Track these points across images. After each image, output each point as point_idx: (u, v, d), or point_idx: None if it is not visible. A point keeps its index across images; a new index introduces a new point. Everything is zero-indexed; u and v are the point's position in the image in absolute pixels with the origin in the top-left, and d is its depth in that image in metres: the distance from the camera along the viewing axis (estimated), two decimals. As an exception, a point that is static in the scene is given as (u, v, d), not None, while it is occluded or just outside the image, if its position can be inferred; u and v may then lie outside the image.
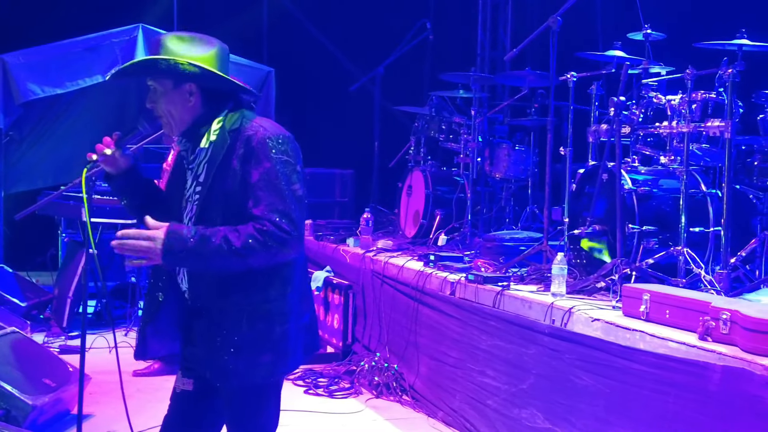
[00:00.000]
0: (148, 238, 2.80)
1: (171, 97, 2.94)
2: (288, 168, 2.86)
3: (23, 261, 8.95)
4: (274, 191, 2.81)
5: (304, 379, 6.36)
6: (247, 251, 2.78)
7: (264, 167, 2.83)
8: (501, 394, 4.95)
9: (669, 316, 4.11)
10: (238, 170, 2.86)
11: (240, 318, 2.93)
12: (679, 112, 5.16)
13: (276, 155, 2.85)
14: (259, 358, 2.94)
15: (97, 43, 8.24)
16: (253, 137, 2.87)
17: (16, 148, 8.73)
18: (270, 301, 2.95)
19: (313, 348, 3.20)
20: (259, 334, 2.94)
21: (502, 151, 7.45)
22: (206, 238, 2.78)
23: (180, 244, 2.78)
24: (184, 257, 2.81)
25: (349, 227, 8.08)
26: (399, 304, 6.30)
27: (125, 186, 3.14)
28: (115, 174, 3.11)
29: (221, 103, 2.97)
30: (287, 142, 2.91)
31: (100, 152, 3.03)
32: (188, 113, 2.96)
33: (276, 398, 3.10)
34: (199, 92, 2.94)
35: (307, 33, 10.73)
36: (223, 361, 2.94)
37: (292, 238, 2.80)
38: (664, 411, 3.71)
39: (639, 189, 5.20)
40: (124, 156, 3.07)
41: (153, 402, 5.53)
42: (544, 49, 5.96)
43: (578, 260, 5.51)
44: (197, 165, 2.97)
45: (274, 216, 2.79)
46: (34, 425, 4.90)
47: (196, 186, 2.96)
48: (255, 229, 2.78)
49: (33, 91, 8.16)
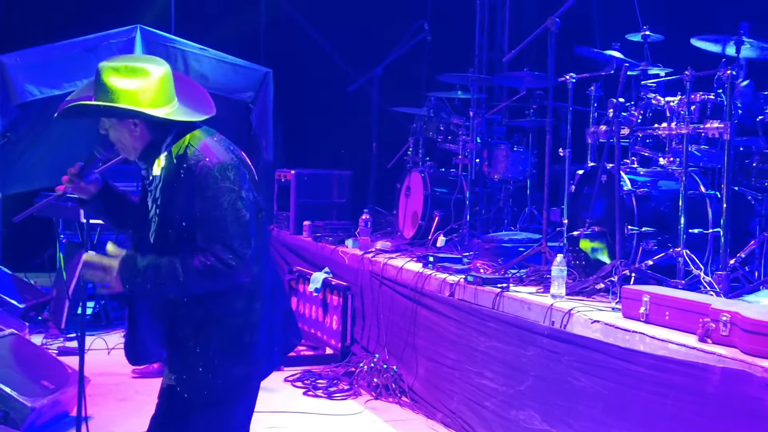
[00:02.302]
0: (104, 268, 2.93)
1: (118, 128, 3.01)
2: (231, 195, 2.89)
3: (21, 262, 8.93)
4: (215, 222, 2.87)
5: (303, 381, 6.37)
6: (190, 282, 2.87)
7: (206, 197, 2.88)
8: (498, 396, 4.94)
9: (669, 317, 4.11)
10: (185, 198, 2.91)
11: (208, 332, 2.97)
12: (677, 113, 5.16)
13: (218, 184, 2.88)
14: (231, 371, 2.99)
15: (96, 44, 8.22)
16: (194, 166, 2.91)
17: (12, 149, 8.69)
18: (237, 315, 2.99)
19: (290, 346, 3.28)
20: (228, 347, 2.98)
21: (500, 152, 7.45)
22: (157, 267, 2.88)
23: (132, 272, 2.90)
24: (136, 284, 2.91)
25: (348, 228, 8.07)
26: (397, 305, 6.30)
27: (99, 208, 3.26)
28: (87, 199, 3.24)
29: (167, 128, 3.00)
30: (229, 168, 2.92)
31: (66, 184, 3.18)
32: (137, 141, 3.02)
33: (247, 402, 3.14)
34: (143, 123, 2.98)
35: (304, 34, 10.71)
36: (194, 376, 2.99)
37: (233, 269, 2.86)
38: (663, 413, 3.71)
39: (638, 190, 5.20)
40: (89, 183, 3.20)
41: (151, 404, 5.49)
42: (541, 50, 5.97)
43: (577, 262, 5.51)
44: (154, 188, 3.03)
45: (215, 247, 2.85)
46: (33, 427, 4.89)
47: (156, 208, 3.02)
48: (200, 263, 2.85)
49: (30, 92, 8.14)
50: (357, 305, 6.91)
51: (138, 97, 2.92)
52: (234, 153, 3.00)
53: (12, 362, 5.23)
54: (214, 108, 3.12)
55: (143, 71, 2.96)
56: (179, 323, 3.01)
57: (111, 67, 2.95)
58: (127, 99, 2.91)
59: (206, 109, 3.10)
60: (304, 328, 7.40)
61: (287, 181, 8.69)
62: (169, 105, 2.98)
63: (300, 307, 7.59)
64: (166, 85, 3.00)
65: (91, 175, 3.20)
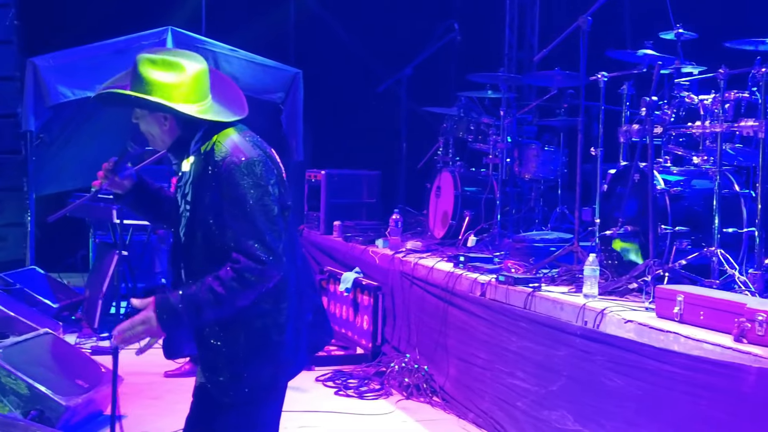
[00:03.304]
0: (142, 322, 2.90)
1: (148, 120, 3.03)
2: (258, 191, 2.88)
3: (54, 262, 9.03)
4: (245, 220, 2.85)
5: (335, 381, 6.38)
6: (232, 296, 2.84)
7: (233, 196, 2.87)
8: (530, 396, 4.93)
9: (703, 317, 4.08)
10: (213, 196, 2.91)
11: (236, 333, 2.97)
12: (711, 111, 5.12)
13: (244, 181, 2.87)
14: (261, 372, 2.98)
15: (127, 46, 8.29)
16: (221, 163, 2.90)
17: (46, 151, 8.79)
18: (264, 316, 2.98)
19: (320, 344, 3.28)
20: (256, 348, 2.97)
21: (530, 151, 7.42)
22: (192, 297, 2.86)
23: (171, 313, 2.87)
24: (180, 322, 2.89)
25: (378, 228, 8.07)
26: (428, 305, 6.29)
27: (134, 202, 3.30)
28: (123, 194, 3.27)
29: (196, 125, 3.01)
30: (255, 164, 2.91)
31: (101, 179, 3.21)
32: (166, 135, 3.04)
33: (276, 402, 3.14)
34: (173, 117, 3.00)
35: (334, 34, 10.74)
36: (222, 376, 2.99)
37: (268, 265, 2.84)
38: (697, 413, 3.68)
39: (671, 189, 5.16)
40: (124, 178, 3.23)
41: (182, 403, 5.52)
42: (571, 49, 5.93)
43: (610, 261, 5.48)
44: (184, 184, 3.04)
45: (246, 244, 2.83)
46: (67, 425, 4.93)
47: (185, 204, 3.03)
48: (233, 271, 2.83)
49: (63, 94, 8.23)
50: (387, 305, 6.92)
51: (171, 92, 2.93)
52: (262, 149, 3.00)
53: (47, 361, 5.29)
54: (247, 109, 3.12)
55: (180, 66, 2.96)
56: (209, 329, 3.01)
57: (149, 59, 2.97)
58: (159, 92, 2.92)
59: (239, 109, 3.10)
60: (334, 328, 7.40)
61: (317, 182, 8.71)
62: (200, 102, 2.98)
63: (331, 307, 7.60)
64: (201, 82, 3.00)
65: (126, 170, 3.22)
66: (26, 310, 6.73)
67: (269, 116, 9.21)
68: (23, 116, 8.37)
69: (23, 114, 8.37)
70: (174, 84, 2.94)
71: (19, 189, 9.01)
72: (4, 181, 9.52)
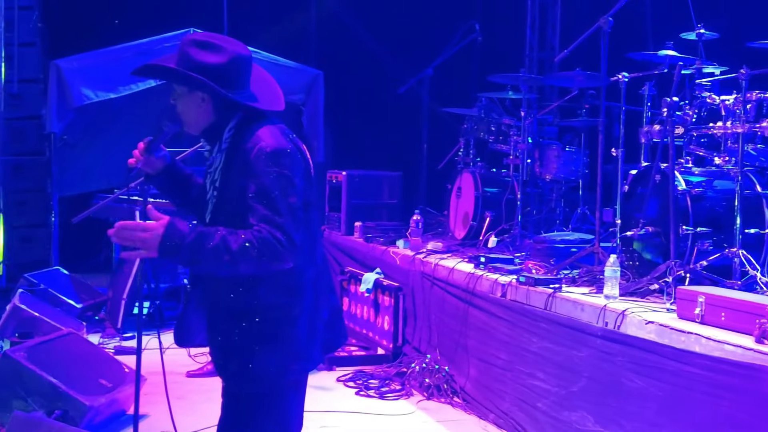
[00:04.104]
0: (144, 229, 2.81)
1: (186, 100, 3.06)
2: (283, 181, 2.89)
3: (78, 263, 9.08)
4: (268, 205, 2.86)
5: (356, 381, 6.40)
6: (241, 255, 2.79)
7: (259, 181, 2.88)
8: (551, 397, 4.93)
9: (724, 318, 4.07)
10: (241, 182, 2.93)
11: (248, 322, 2.98)
12: (733, 112, 5.10)
13: (271, 168, 2.89)
14: (268, 362, 2.98)
15: (149, 48, 8.35)
16: (251, 150, 2.93)
17: (69, 152, 8.87)
18: (278, 307, 2.99)
19: (335, 345, 3.27)
20: (266, 338, 2.98)
21: (551, 152, 7.41)
22: (204, 236, 2.81)
23: (177, 238, 2.79)
24: (179, 252, 2.80)
25: (398, 229, 8.08)
26: (448, 305, 6.30)
27: (164, 184, 3.31)
28: (154, 174, 3.28)
29: (231, 112, 3.04)
30: (284, 155, 2.94)
31: (136, 157, 3.21)
32: (202, 117, 3.06)
33: (295, 399, 3.14)
34: (211, 100, 3.03)
35: (355, 35, 10.76)
36: (233, 365, 3.01)
37: (285, 249, 2.83)
38: (717, 414, 3.67)
39: (693, 190, 5.15)
40: (158, 158, 3.24)
41: (204, 403, 5.60)
42: (593, 50, 5.93)
43: (631, 262, 5.47)
44: (214, 170, 3.07)
45: (269, 227, 2.83)
46: (91, 425, 4.98)
47: (213, 190, 3.06)
48: (252, 235, 2.81)
49: (87, 96, 8.29)
50: (408, 306, 6.93)
51: (212, 73, 2.97)
52: (293, 143, 3.03)
53: (70, 361, 5.34)
54: (284, 104, 3.17)
55: (224, 50, 3.01)
56: (220, 312, 3.03)
57: (195, 40, 3.03)
58: (201, 72, 2.97)
59: (276, 103, 3.14)
60: (355, 329, 7.44)
61: (338, 183, 8.73)
62: (239, 89, 3.03)
63: (351, 308, 7.62)
64: (243, 68, 3.05)
65: (160, 150, 3.25)
66: (50, 310, 6.79)
67: (290, 117, 9.25)
68: (47, 118, 8.45)
69: (47, 116, 8.45)
70: (216, 66, 2.98)
71: (42, 190, 9.11)
72: (28, 182, 9.62)
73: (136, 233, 2.82)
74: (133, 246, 2.83)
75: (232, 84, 3.01)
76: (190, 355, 6.72)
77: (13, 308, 6.36)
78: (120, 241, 2.85)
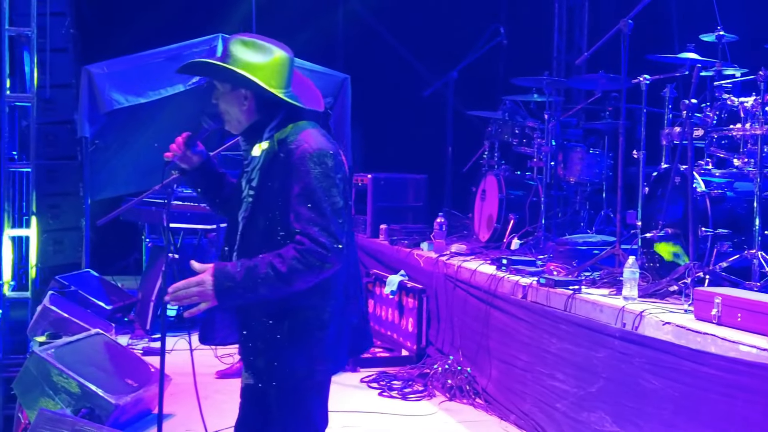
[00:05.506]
0: (197, 284, 2.94)
1: (228, 98, 3.12)
2: (326, 182, 2.95)
3: (108, 265, 9.22)
4: (313, 206, 2.92)
5: (379, 382, 6.45)
6: (292, 275, 2.88)
7: (303, 182, 2.94)
8: (570, 398, 4.95)
9: (741, 319, 4.08)
10: (282, 182, 2.98)
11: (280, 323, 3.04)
12: (752, 114, 5.10)
13: (315, 169, 2.95)
14: (296, 362, 3.04)
15: (179, 53, 8.44)
16: (294, 151, 2.98)
17: (100, 156, 8.98)
18: (309, 309, 3.04)
19: (360, 349, 3.32)
20: (296, 338, 3.03)
21: (575, 154, 7.42)
22: (252, 269, 2.90)
23: (228, 280, 2.90)
24: (234, 291, 2.91)
25: (423, 231, 8.12)
26: (470, 307, 6.34)
27: (198, 179, 3.37)
28: (189, 169, 3.34)
29: (274, 111, 3.10)
30: (327, 156, 2.99)
31: (174, 151, 3.28)
32: (244, 116, 3.13)
33: (319, 398, 3.18)
34: (254, 98, 3.09)
35: (381, 39, 10.83)
36: (261, 363, 3.07)
37: (331, 252, 2.90)
38: (733, 414, 3.68)
39: (712, 192, 5.15)
40: (195, 153, 3.31)
41: (229, 403, 5.63)
42: (618, 52, 5.94)
43: (651, 264, 5.48)
44: (251, 170, 3.12)
45: (312, 230, 2.88)
46: (117, 423, 5.07)
47: (249, 189, 3.11)
48: (296, 251, 2.87)
49: (117, 101, 8.39)
50: (432, 307, 6.97)
51: (257, 71, 3.03)
52: (334, 145, 3.09)
53: (98, 361, 5.44)
54: (323, 105, 3.24)
55: (269, 50, 3.09)
56: (254, 313, 3.07)
57: (240, 40, 3.10)
58: (246, 69, 3.03)
59: (317, 103, 3.21)
60: (380, 330, 7.50)
61: (364, 185, 8.79)
62: (282, 89, 3.09)
63: (376, 309, 7.68)
64: (286, 68, 3.11)
65: (197, 146, 3.32)
66: (80, 311, 6.90)
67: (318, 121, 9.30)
68: (79, 123, 8.56)
69: (79, 120, 8.56)
70: (261, 64, 3.05)
71: (75, 194, 9.22)
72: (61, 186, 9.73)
73: (190, 290, 2.94)
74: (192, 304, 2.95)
75: (275, 82, 3.06)
76: (217, 355, 6.81)
77: (43, 309, 6.46)
78: (180, 302, 2.98)
